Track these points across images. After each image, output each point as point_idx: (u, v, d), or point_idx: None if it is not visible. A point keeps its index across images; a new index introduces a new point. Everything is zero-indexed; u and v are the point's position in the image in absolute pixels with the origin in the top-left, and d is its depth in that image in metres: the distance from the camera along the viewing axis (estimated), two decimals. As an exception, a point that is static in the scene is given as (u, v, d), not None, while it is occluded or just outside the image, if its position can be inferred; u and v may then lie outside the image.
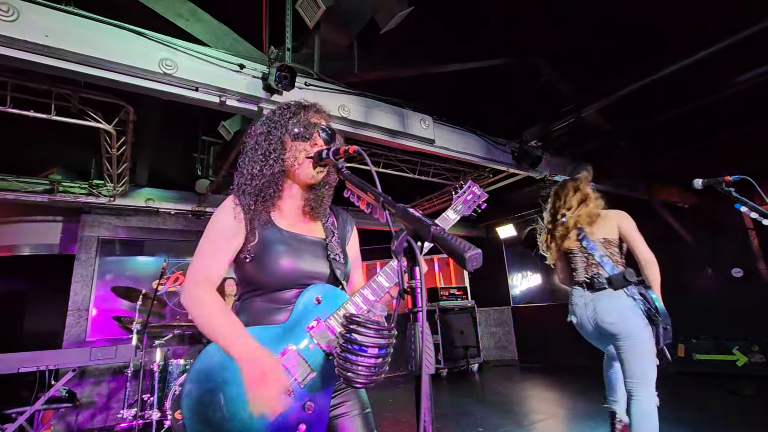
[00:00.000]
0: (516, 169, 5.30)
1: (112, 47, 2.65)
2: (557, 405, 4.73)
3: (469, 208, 1.51)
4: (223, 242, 1.16)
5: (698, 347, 5.67)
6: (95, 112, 3.63)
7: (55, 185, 5.06)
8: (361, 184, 1.04)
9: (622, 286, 2.35)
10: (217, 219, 1.19)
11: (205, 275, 1.13)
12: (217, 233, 1.17)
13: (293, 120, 1.24)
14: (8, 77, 3.17)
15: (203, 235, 1.18)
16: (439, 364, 6.94)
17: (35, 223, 5.83)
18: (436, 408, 4.85)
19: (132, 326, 4.28)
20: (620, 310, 2.32)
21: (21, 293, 6.84)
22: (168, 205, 5.90)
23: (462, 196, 1.52)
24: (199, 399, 0.98)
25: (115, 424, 4.89)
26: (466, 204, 1.51)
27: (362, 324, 0.90)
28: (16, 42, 2.42)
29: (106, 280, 5.60)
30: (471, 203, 1.51)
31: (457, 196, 1.52)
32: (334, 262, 1.24)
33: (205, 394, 0.99)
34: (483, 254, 0.69)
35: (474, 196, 1.52)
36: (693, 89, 4.69)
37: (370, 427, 1.20)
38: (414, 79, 4.38)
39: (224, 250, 1.16)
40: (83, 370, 5.03)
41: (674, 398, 4.54)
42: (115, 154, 4.27)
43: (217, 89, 3.08)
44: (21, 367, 2.83)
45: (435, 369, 6.85)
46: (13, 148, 4.96)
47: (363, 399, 1.24)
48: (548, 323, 7.67)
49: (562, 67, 4.75)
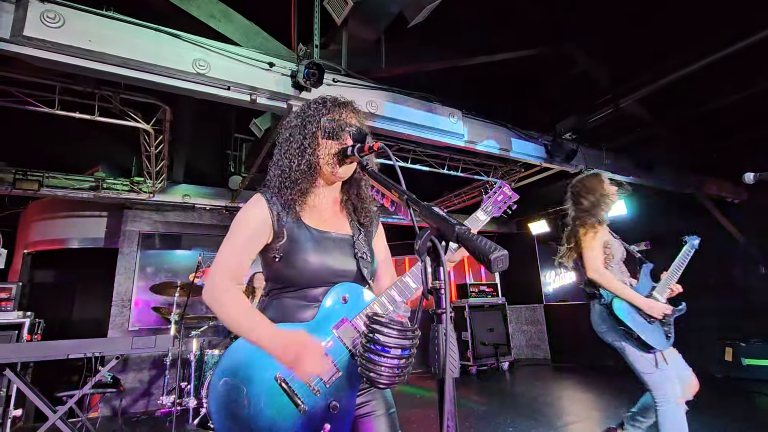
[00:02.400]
0: (549, 164, 5.12)
1: (149, 49, 2.75)
2: (591, 407, 4.57)
3: (499, 209, 1.49)
4: (248, 239, 1.16)
5: (748, 351, 5.31)
6: (135, 113, 3.80)
7: (100, 182, 5.35)
8: (386, 181, 1.02)
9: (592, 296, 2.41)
10: (244, 215, 1.19)
11: (229, 271, 1.14)
12: (243, 229, 1.17)
13: (327, 117, 1.23)
14: (56, 81, 3.36)
15: (230, 230, 1.18)
16: (468, 362, 6.87)
17: (82, 218, 6.19)
18: (465, 406, 4.80)
19: (170, 317, 4.49)
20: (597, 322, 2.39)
21: (72, 284, 7.32)
22: (203, 200, 6.11)
23: (492, 196, 1.49)
24: (227, 395, 1.00)
25: (155, 409, 5.17)
26: (497, 204, 1.49)
27: (385, 324, 0.88)
28: (64, 47, 2.56)
29: (147, 273, 5.88)
30: (501, 204, 1.49)
31: (488, 197, 1.50)
32: (361, 260, 1.23)
33: (231, 391, 1.01)
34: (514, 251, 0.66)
35: (505, 197, 1.49)
36: (741, 77, 4.37)
37: (395, 428, 1.19)
38: (442, 73, 4.30)
39: (249, 247, 1.17)
40: (126, 358, 5.32)
41: (716, 404, 4.29)
42: (154, 152, 4.46)
43: (248, 88, 3.14)
44: (70, 354, 3.01)
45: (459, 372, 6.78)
46: (61, 148, 5.28)
47: (388, 399, 1.23)
48: (582, 322, 7.36)
49: (599, 56, 4.53)
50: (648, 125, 5.34)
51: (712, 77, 4.38)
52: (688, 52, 3.92)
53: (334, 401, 1.05)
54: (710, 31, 3.80)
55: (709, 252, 2.39)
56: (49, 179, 5.12)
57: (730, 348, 5.45)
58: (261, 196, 1.22)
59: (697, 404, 2.25)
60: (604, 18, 4.10)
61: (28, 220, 6.46)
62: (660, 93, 4.37)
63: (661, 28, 4.14)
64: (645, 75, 4.29)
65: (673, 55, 4.05)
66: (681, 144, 5.82)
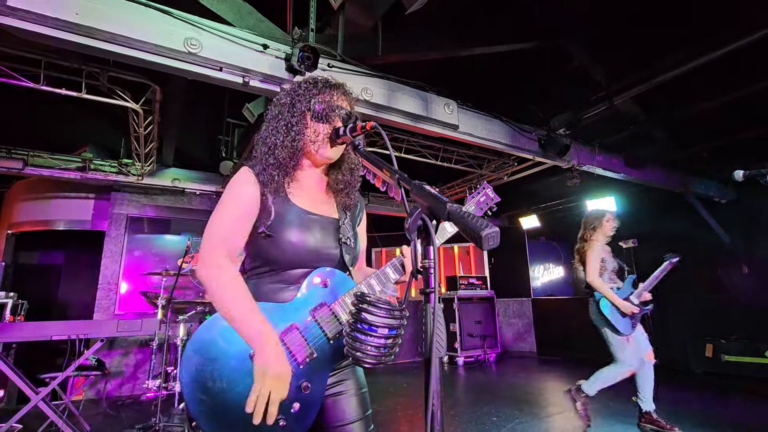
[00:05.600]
0: (542, 158, 5.14)
1: (138, 25, 2.67)
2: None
3: (480, 210, 1.54)
4: (240, 216, 1.13)
5: (728, 348, 5.43)
6: (123, 91, 3.71)
7: (87, 163, 5.24)
8: (378, 161, 1.01)
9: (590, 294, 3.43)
10: (236, 191, 1.16)
11: (224, 245, 1.10)
12: (237, 205, 1.14)
13: (318, 98, 1.21)
14: (41, 55, 3.26)
15: (221, 204, 1.14)
16: (455, 353, 6.94)
17: (69, 199, 6.07)
18: (451, 396, 4.85)
19: (157, 301, 4.45)
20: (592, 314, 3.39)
21: (58, 267, 7.21)
22: (193, 185, 6.03)
23: (476, 197, 1.54)
24: (200, 367, 0.99)
25: (141, 393, 5.14)
26: (479, 205, 1.53)
27: (373, 303, 0.88)
28: (49, 20, 2.47)
29: (135, 256, 5.81)
30: (483, 205, 1.54)
31: (471, 197, 1.55)
32: (345, 245, 1.23)
33: (206, 363, 1.00)
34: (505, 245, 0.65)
35: (487, 198, 1.54)
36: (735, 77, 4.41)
37: (366, 408, 1.19)
38: (439, 63, 4.26)
39: (242, 224, 1.14)
40: (112, 342, 5.27)
41: (697, 399, 4.39)
42: (143, 134, 4.37)
43: (240, 69, 3.08)
44: (53, 335, 2.96)
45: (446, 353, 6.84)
46: (47, 126, 5.15)
47: (360, 379, 1.23)
48: (569, 316, 7.52)
49: (596, 51, 4.53)
50: (640, 123, 5.37)
51: (706, 77, 4.41)
52: (684, 51, 3.93)
53: (306, 382, 1.05)
54: (708, 30, 3.81)
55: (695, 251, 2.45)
56: (34, 158, 5.00)
57: (710, 344, 5.57)
58: (250, 172, 1.19)
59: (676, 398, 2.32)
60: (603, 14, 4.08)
61: (12, 200, 6.32)
62: (654, 91, 4.39)
63: (659, 27, 4.14)
64: (642, 72, 4.30)
65: (669, 54, 4.07)
66: (672, 143, 5.87)
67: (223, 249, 1.09)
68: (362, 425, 1.16)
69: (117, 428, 3.56)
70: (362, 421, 1.16)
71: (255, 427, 0.94)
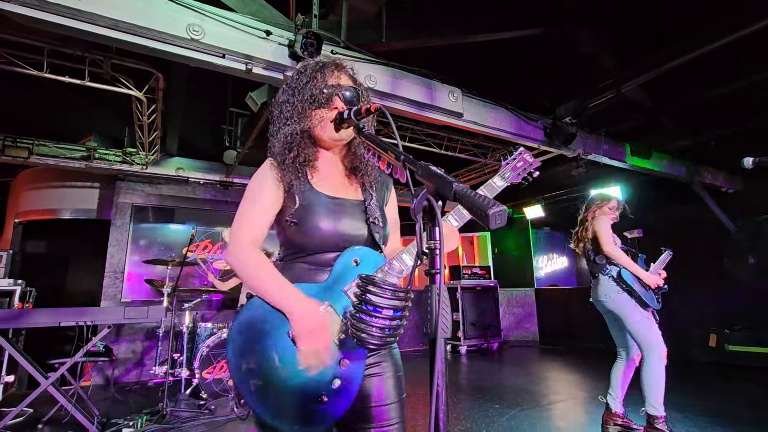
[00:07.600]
0: (548, 147, 5.10)
1: (141, 11, 2.66)
2: (578, 387, 4.68)
3: (518, 175, 1.38)
4: (264, 203, 1.18)
5: (732, 338, 5.43)
6: (126, 79, 3.70)
7: (92, 152, 5.25)
8: (382, 143, 1.00)
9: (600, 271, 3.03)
10: (257, 181, 1.21)
11: (250, 234, 1.16)
12: (258, 195, 1.19)
13: (310, 84, 1.22)
14: (44, 43, 3.24)
15: (248, 194, 1.20)
16: (458, 342, 6.97)
17: (74, 188, 6.10)
18: (454, 383, 4.89)
19: (163, 289, 4.49)
20: (603, 292, 2.96)
21: (65, 255, 7.29)
22: (197, 174, 6.04)
23: (512, 162, 1.38)
24: (243, 347, 1.03)
25: (148, 379, 5.22)
26: (516, 171, 1.37)
27: (377, 284, 0.87)
28: (51, 6, 2.46)
29: (140, 245, 5.85)
30: (521, 170, 1.37)
31: (506, 163, 1.39)
32: (373, 225, 1.23)
33: (248, 343, 1.03)
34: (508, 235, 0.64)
35: (525, 163, 1.38)
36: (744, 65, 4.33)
37: (401, 391, 1.20)
38: (443, 50, 4.21)
39: (268, 213, 1.19)
40: (119, 328, 5.34)
41: (701, 389, 4.40)
42: (146, 122, 4.36)
43: (243, 56, 3.06)
44: (62, 321, 3.00)
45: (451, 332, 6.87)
46: (52, 115, 5.16)
47: (398, 362, 1.24)
48: (572, 306, 7.53)
49: (603, 38, 4.45)
50: (648, 111, 5.30)
51: (715, 65, 4.34)
52: (693, 37, 3.86)
53: (345, 359, 1.07)
54: (715, 17, 3.74)
55: (700, 240, 2.43)
56: (39, 147, 5.01)
57: (714, 334, 5.56)
58: (272, 162, 1.23)
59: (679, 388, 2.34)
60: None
61: (18, 189, 6.37)
62: (662, 79, 4.32)
63: (668, 12, 4.06)
64: (650, 59, 4.22)
65: (678, 40, 3.99)
66: (679, 131, 5.80)
67: (248, 236, 1.15)
68: (398, 407, 1.16)
69: (125, 412, 3.62)
70: (398, 404, 1.17)
71: (300, 403, 0.99)
